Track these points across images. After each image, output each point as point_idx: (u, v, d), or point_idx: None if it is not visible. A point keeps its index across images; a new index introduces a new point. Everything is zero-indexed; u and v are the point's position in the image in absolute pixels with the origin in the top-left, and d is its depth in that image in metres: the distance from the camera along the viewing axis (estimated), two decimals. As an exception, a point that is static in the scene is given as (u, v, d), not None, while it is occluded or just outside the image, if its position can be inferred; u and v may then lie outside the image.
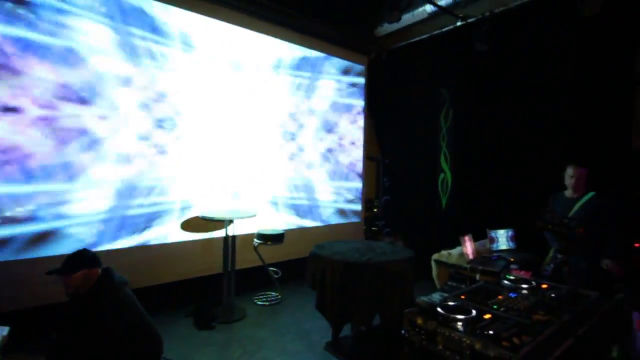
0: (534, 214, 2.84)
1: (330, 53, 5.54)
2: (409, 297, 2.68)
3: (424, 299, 2.06)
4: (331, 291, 2.65)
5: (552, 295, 2.07)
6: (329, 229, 5.49)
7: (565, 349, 1.65)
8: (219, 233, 4.08)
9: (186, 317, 3.70)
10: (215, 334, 3.43)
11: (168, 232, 3.94)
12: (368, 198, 6.27)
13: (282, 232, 4.19)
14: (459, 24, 4.81)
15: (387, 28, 5.66)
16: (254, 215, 3.98)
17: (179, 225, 3.99)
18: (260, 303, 4.19)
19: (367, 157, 6.22)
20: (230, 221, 3.75)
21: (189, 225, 4.05)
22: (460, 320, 1.66)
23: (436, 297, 2.28)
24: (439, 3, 4.69)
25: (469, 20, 4.67)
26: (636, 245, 3.42)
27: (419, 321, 1.75)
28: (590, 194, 3.02)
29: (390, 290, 2.57)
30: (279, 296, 4.30)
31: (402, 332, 1.83)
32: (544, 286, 2.24)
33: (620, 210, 3.00)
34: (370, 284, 2.52)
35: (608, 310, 2.02)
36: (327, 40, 5.47)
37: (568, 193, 3.13)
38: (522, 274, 2.84)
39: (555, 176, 3.21)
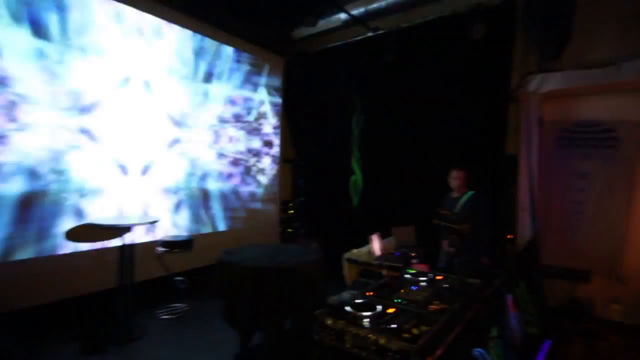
0: (431, 212, 3.14)
1: (247, 51, 5.38)
2: (320, 298, 2.70)
3: (335, 298, 2.09)
4: (240, 299, 2.52)
5: (445, 285, 2.28)
6: (242, 233, 5.29)
7: (456, 334, 1.83)
8: (116, 242, 3.60)
9: (72, 340, 3.17)
10: (106, 357, 3.00)
11: (53, 244, 3.33)
12: (284, 200, 6.24)
13: (189, 238, 3.89)
14: (370, 34, 5.10)
15: (304, 31, 5.72)
16: (156, 221, 3.61)
17: (64, 235, 3.40)
18: (164, 317, 3.82)
19: (284, 158, 6.19)
20: (127, 228, 3.33)
21: (78, 234, 3.48)
22: (366, 317, 1.72)
23: (346, 295, 2.33)
24: (352, 13, 4.91)
25: (379, 32, 4.99)
26: (508, 236, 4.04)
27: (329, 322, 1.76)
28: (470, 192, 3.50)
29: (302, 292, 2.55)
30: (186, 308, 3.98)
31: (313, 334, 1.82)
32: (439, 278, 2.46)
33: (492, 206, 3.53)
34: (281, 288, 2.47)
35: (489, 296, 2.31)
36: (244, 38, 5.30)
37: (453, 193, 3.60)
38: (422, 267, 3.10)
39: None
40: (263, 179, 5.79)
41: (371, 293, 2.12)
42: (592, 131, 3.85)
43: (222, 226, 5.06)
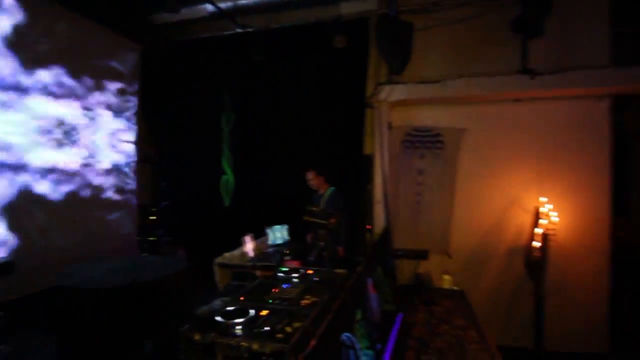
0: (303, 210, 3.27)
1: (92, 31, 4.51)
2: (187, 311, 2.46)
3: (204, 309, 1.93)
4: (81, 331, 2.07)
5: (316, 279, 2.39)
6: (87, 248, 4.42)
7: (326, 325, 1.92)
8: None
9: None
10: None
11: None
12: (143, 204, 5.51)
13: (7, 260, 3.03)
14: (239, 31, 4.96)
15: (165, 17, 5.15)
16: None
17: None
18: (-31, 368, 2.88)
19: (142, 158, 5.47)
20: None
21: None
22: (238, 324, 1.64)
23: (217, 304, 2.19)
24: (220, 5, 4.67)
25: (248, 30, 4.90)
26: (368, 227, 4.54)
27: (197, 337, 1.61)
28: (331, 189, 3.83)
29: (164, 309, 2.28)
30: (6, 350, 3.09)
31: (178, 354, 1.63)
32: (310, 272, 2.56)
33: (354, 200, 3.96)
34: (137, 309, 2.14)
35: (354, 283, 2.52)
36: (88, 16, 4.43)
37: (319, 191, 3.88)
38: (295, 264, 3.18)
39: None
40: (116, 181, 4.99)
41: (242, 298, 2.04)
42: (426, 135, 4.66)
43: (58, 241, 4.11)
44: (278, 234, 4.34)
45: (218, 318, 1.67)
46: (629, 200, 5.02)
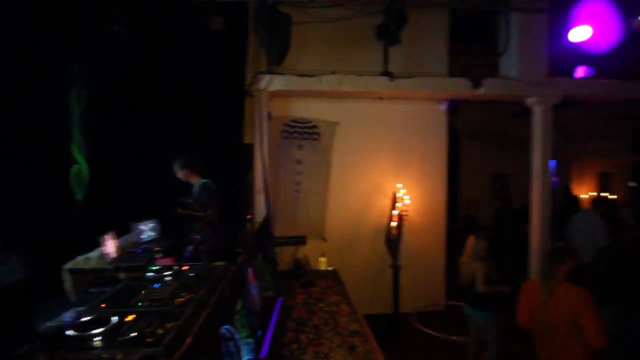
0: (176, 202, 3.04)
1: None
2: (27, 330, 2.01)
3: (51, 324, 1.63)
4: None
5: (191, 274, 2.26)
6: None
7: (203, 320, 1.85)
8: None
9: None
10: None
11: None
12: (-48, 203, 4.21)
13: None
14: (91, -5, 4.18)
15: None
16: None
17: None
18: None
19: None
20: None
21: None
22: (96, 335, 1.43)
23: (68, 315, 1.88)
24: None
25: (103, -5, 4.18)
26: (248, 216, 4.52)
27: (41, 358, 1.34)
28: (201, 181, 3.70)
29: (-10, 332, 1.82)
30: None
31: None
32: (185, 268, 2.40)
33: (228, 190, 3.89)
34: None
35: (233, 274, 2.49)
36: None
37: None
38: (167, 261, 2.94)
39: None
40: None
41: (103, 305, 1.79)
42: (303, 126, 4.89)
43: None
44: (146, 230, 3.93)
45: (70, 332, 1.43)
46: (457, 185, 6.32)
